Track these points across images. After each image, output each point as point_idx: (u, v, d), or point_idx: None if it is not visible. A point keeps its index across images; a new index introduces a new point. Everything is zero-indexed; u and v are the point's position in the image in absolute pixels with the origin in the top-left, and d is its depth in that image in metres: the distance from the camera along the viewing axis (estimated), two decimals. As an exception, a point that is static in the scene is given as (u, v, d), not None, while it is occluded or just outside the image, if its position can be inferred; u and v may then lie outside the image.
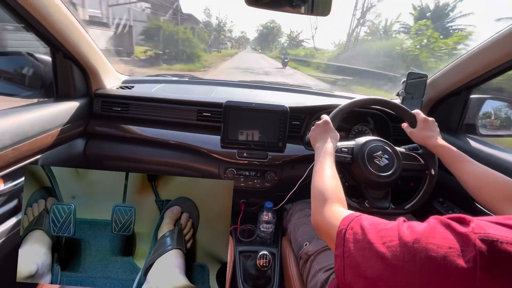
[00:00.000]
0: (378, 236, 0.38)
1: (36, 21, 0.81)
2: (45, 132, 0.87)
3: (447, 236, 0.33)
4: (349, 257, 0.40)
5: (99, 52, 1.10)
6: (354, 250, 0.40)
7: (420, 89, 1.15)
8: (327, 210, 0.53)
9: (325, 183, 0.60)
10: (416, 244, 0.34)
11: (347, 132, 1.23)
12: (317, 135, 0.79)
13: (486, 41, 0.91)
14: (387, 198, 0.84)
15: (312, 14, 0.81)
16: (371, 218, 0.43)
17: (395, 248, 0.35)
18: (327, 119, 0.82)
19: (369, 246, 0.38)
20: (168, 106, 1.13)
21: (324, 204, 0.54)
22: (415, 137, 0.85)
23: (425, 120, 0.83)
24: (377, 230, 0.39)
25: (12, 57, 1.03)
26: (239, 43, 64.56)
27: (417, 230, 0.35)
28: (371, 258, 0.37)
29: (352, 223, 0.43)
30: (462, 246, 0.31)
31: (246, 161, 1.07)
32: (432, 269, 0.31)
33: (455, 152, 0.73)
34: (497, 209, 0.60)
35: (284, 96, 1.40)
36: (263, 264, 0.90)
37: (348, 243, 0.41)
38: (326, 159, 0.69)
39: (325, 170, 0.65)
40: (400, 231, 0.37)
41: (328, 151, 0.71)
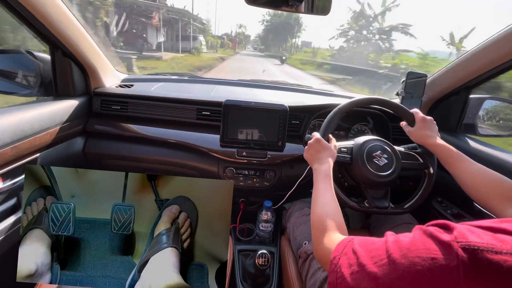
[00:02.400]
0: (369, 257, 0.39)
1: (35, 19, 0.81)
2: (44, 130, 0.87)
3: (429, 246, 0.33)
4: (341, 283, 0.41)
5: (98, 51, 1.09)
6: (346, 275, 0.40)
7: (419, 89, 1.15)
8: (326, 240, 0.53)
9: (324, 211, 0.60)
10: (403, 259, 0.34)
11: (347, 131, 1.23)
12: (312, 156, 0.78)
13: (486, 41, 0.91)
14: (386, 197, 0.85)
15: (312, 14, 0.81)
16: (362, 240, 0.44)
17: (385, 267, 0.36)
18: (318, 137, 0.79)
19: (361, 268, 0.39)
20: (167, 104, 1.13)
21: (323, 234, 0.55)
22: (413, 136, 0.85)
23: (423, 119, 0.83)
24: (368, 250, 0.40)
25: (11, 55, 1.03)
26: (235, 41, 44.07)
27: (403, 244, 0.36)
28: (364, 280, 0.38)
29: (346, 249, 0.44)
30: (445, 255, 0.31)
31: (246, 160, 1.07)
32: (420, 283, 0.32)
33: (453, 151, 0.73)
34: (493, 207, 0.61)
35: (284, 95, 1.40)
36: (262, 263, 0.90)
37: (342, 268, 0.42)
38: (324, 184, 0.68)
39: (323, 196, 0.65)
40: (388, 248, 0.38)
41: (325, 173, 0.70)
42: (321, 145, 0.78)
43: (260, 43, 60.08)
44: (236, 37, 58.94)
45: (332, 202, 0.63)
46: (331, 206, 0.62)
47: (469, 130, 1.12)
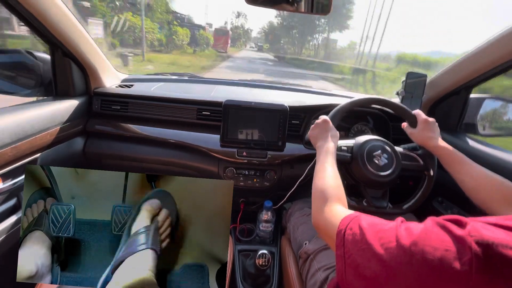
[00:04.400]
0: (377, 237, 0.38)
1: (35, 19, 0.81)
2: (44, 130, 0.87)
3: (443, 238, 0.33)
4: (349, 257, 0.40)
5: (98, 51, 1.09)
6: (353, 251, 0.40)
7: (419, 89, 1.15)
8: (327, 210, 0.53)
9: (326, 182, 0.60)
10: (413, 247, 0.34)
11: (347, 131, 1.23)
12: (318, 134, 0.79)
13: (486, 41, 0.90)
14: (385, 197, 0.85)
15: (312, 13, 0.81)
16: (369, 218, 0.43)
17: (392, 250, 0.35)
18: (326, 118, 0.82)
19: (368, 247, 0.38)
20: (167, 104, 1.13)
21: (325, 204, 0.55)
22: (415, 138, 0.85)
23: (426, 121, 0.83)
24: (376, 230, 0.40)
25: (11, 55, 1.03)
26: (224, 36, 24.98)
27: (414, 232, 0.36)
28: (370, 259, 0.37)
29: (351, 223, 0.44)
30: (458, 248, 0.31)
31: (246, 160, 1.07)
32: (428, 271, 0.32)
33: (456, 154, 0.73)
34: (494, 210, 0.61)
35: (284, 95, 1.40)
36: (262, 263, 0.90)
37: (348, 243, 0.41)
38: (328, 158, 0.69)
39: (326, 169, 0.65)
40: (398, 233, 0.37)
41: (330, 150, 0.72)
42: (328, 125, 0.80)
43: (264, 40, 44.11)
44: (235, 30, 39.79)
45: (334, 175, 0.63)
46: (333, 178, 0.62)
47: (469, 129, 1.12)
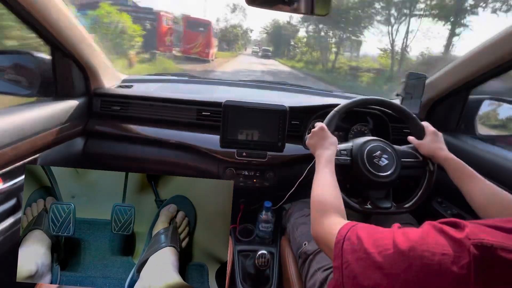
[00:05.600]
0: (375, 245, 0.39)
1: (35, 20, 0.81)
2: (44, 131, 0.87)
3: (441, 242, 0.33)
4: (347, 268, 0.41)
5: (98, 51, 1.09)
6: (352, 261, 0.40)
7: (419, 89, 1.15)
8: (326, 221, 0.53)
9: (325, 193, 0.61)
10: (412, 252, 0.34)
11: (346, 132, 1.23)
12: (315, 142, 0.79)
13: (485, 42, 0.91)
14: (388, 197, 0.84)
15: (312, 14, 0.81)
16: (367, 227, 0.44)
17: (391, 257, 0.36)
18: (323, 125, 0.82)
19: (366, 256, 0.38)
20: (167, 105, 1.13)
21: (323, 215, 0.55)
22: (424, 149, 0.84)
23: (435, 133, 0.83)
24: (373, 239, 0.40)
25: (12, 56, 1.03)
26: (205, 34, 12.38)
27: (412, 237, 0.36)
28: (369, 268, 0.37)
29: (349, 233, 0.44)
30: (456, 252, 0.31)
31: (245, 160, 1.07)
32: (427, 276, 0.32)
33: (466, 168, 0.71)
34: None
35: (284, 95, 1.40)
36: (261, 263, 0.90)
37: (346, 254, 0.42)
38: (327, 168, 0.69)
39: (325, 180, 0.65)
40: (395, 239, 0.37)
41: (328, 158, 0.72)
42: (325, 132, 0.80)
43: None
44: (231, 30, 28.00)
45: (333, 185, 0.63)
46: (331, 189, 0.62)
47: (469, 130, 1.12)
